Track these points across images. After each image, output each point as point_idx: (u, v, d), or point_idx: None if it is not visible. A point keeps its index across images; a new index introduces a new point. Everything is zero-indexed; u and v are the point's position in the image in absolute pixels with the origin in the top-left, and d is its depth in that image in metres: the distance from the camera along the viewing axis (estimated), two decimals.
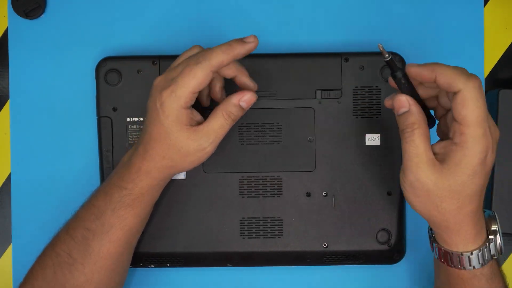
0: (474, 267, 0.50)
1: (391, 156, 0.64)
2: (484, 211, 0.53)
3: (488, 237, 0.51)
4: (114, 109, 0.64)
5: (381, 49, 0.50)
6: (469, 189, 0.48)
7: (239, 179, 0.64)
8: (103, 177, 0.64)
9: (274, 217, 0.64)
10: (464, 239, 0.50)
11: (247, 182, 0.64)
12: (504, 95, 0.64)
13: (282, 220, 0.64)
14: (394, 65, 0.51)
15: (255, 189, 0.64)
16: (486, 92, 0.68)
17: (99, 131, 0.64)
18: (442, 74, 0.48)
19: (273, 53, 0.65)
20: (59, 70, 0.68)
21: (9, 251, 0.68)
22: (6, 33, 0.68)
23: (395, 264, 0.66)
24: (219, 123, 0.55)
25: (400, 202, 0.64)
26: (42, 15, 0.68)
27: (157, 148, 0.56)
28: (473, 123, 0.47)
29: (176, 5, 0.68)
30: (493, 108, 0.65)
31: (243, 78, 0.58)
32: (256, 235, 0.64)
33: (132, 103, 0.64)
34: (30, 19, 0.68)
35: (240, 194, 0.64)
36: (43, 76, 0.68)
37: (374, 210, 0.64)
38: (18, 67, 0.68)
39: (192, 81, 0.53)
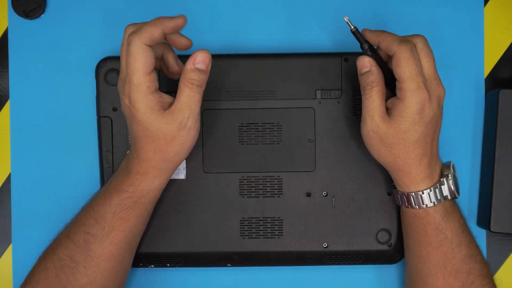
0: (426, 205, 0.57)
1: None
2: (444, 163, 0.59)
3: (440, 180, 0.57)
4: (114, 109, 0.64)
5: (347, 21, 0.57)
6: (412, 135, 0.55)
7: (239, 179, 0.64)
8: (103, 177, 0.64)
9: (274, 217, 0.64)
10: (414, 180, 0.57)
11: (247, 182, 0.64)
12: (504, 95, 0.64)
13: (282, 220, 0.64)
14: (360, 36, 0.57)
15: (255, 189, 0.64)
16: (486, 92, 0.68)
17: (99, 131, 0.64)
18: (383, 40, 0.56)
19: (273, 53, 0.65)
20: (59, 70, 0.68)
21: (9, 251, 0.68)
22: (6, 33, 0.68)
23: (395, 264, 0.66)
24: (185, 95, 0.54)
25: None
26: (42, 15, 0.68)
27: (144, 146, 0.55)
28: (407, 78, 0.54)
29: (176, 5, 0.68)
30: (493, 108, 0.65)
31: (170, 56, 0.58)
32: (256, 235, 0.64)
33: None
34: (30, 19, 0.68)
35: (240, 194, 0.64)
36: (43, 76, 0.68)
37: (374, 210, 0.64)
38: (18, 67, 0.68)
39: (136, 63, 0.53)
